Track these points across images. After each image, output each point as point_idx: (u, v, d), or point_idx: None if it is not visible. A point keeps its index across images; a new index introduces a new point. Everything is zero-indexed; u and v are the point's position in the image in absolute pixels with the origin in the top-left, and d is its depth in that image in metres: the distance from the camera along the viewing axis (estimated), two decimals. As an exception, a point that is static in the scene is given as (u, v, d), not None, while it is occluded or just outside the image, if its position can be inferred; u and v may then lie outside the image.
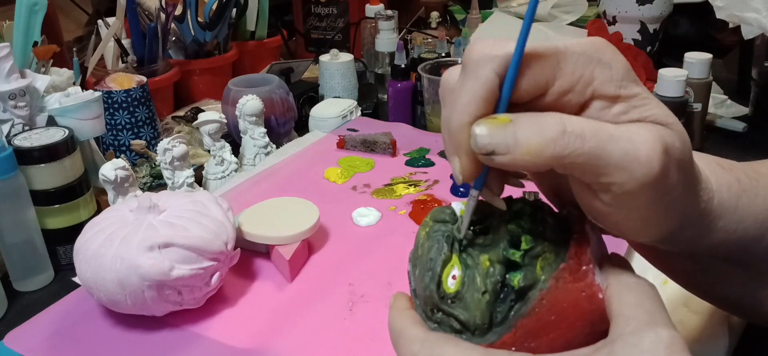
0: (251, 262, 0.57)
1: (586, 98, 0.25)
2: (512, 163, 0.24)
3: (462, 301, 0.27)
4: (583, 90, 0.25)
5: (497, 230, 0.27)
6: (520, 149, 0.23)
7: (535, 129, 0.23)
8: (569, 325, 0.26)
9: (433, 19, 1.34)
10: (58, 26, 1.00)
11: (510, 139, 0.24)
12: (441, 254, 0.28)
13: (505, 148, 0.24)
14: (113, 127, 0.80)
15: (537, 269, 0.26)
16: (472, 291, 0.26)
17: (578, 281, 0.26)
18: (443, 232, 0.28)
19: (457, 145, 0.25)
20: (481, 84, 0.25)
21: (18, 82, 0.62)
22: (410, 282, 0.30)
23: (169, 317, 0.49)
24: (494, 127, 0.24)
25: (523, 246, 0.27)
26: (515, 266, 0.26)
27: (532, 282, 0.26)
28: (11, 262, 0.57)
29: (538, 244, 0.27)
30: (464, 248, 0.28)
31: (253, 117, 0.77)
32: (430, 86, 0.87)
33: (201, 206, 0.51)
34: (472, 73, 0.25)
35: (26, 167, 0.56)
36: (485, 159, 0.24)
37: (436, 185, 0.70)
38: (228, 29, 1.08)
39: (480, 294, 0.26)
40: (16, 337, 0.48)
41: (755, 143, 0.86)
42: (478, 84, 0.25)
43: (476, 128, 0.24)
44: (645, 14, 1.04)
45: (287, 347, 0.46)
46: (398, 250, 0.58)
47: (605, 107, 0.25)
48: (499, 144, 0.24)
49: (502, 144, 0.24)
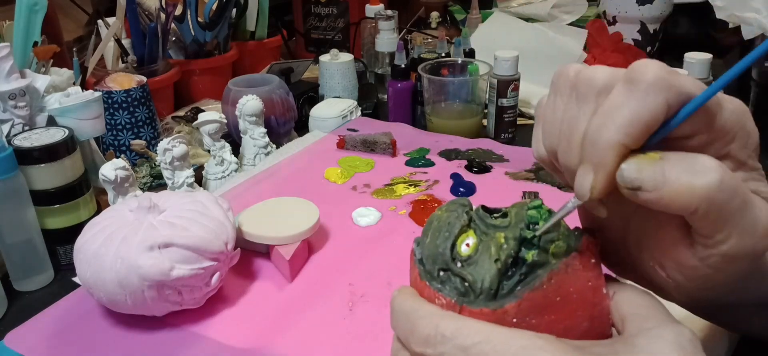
0: (251, 262, 0.57)
1: (721, 154, 0.25)
2: (657, 201, 0.23)
3: (472, 265, 0.27)
4: (723, 147, 0.25)
5: (516, 215, 0.28)
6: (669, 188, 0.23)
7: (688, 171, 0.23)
8: (571, 312, 0.26)
9: (433, 19, 1.34)
10: (58, 26, 1.00)
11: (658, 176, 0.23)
12: (459, 220, 0.28)
13: (652, 185, 0.23)
14: (113, 127, 0.80)
15: (550, 251, 0.27)
16: (484, 257, 0.27)
17: (587, 270, 0.27)
18: (464, 207, 0.29)
19: (600, 162, 0.24)
20: (649, 111, 0.23)
21: (18, 82, 0.62)
22: (414, 255, 0.30)
23: (169, 317, 0.49)
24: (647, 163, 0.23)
25: (540, 226, 0.27)
26: (529, 245, 0.27)
27: (543, 261, 0.26)
28: (11, 262, 0.57)
29: (553, 231, 0.27)
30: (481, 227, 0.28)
31: (253, 117, 0.77)
32: (430, 86, 0.87)
33: (201, 206, 0.51)
34: (642, 95, 0.23)
35: (26, 167, 0.56)
36: (627, 192, 0.24)
37: (436, 185, 0.70)
38: (228, 29, 1.08)
39: (492, 260, 0.27)
40: (16, 337, 0.48)
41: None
42: (646, 110, 0.23)
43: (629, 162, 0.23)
44: (645, 14, 1.04)
45: (287, 347, 0.46)
46: (398, 250, 0.58)
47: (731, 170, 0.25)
48: (647, 181, 0.23)
49: (650, 181, 0.23)
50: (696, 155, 0.23)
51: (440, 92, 0.88)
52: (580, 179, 0.25)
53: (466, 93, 0.86)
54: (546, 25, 1.19)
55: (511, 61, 0.84)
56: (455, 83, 0.87)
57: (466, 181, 0.71)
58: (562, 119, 0.27)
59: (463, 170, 0.74)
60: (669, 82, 0.23)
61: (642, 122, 0.23)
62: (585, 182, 0.25)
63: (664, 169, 0.23)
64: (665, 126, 0.24)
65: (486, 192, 0.68)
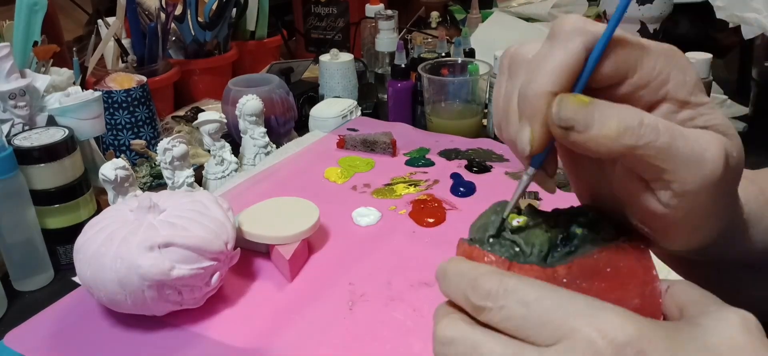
0: (251, 262, 0.57)
1: (658, 97, 0.26)
2: (586, 142, 0.24)
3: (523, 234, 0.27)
4: (658, 89, 0.26)
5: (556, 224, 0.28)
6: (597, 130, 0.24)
7: (614, 115, 0.24)
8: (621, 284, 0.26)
9: (433, 19, 1.34)
10: (58, 26, 1.00)
11: (589, 118, 0.24)
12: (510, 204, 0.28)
13: (583, 126, 0.24)
14: (113, 127, 0.80)
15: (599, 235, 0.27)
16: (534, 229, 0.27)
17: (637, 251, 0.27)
18: None
19: (533, 112, 0.25)
20: (570, 55, 0.25)
21: (18, 82, 0.62)
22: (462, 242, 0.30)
23: (169, 317, 0.49)
24: (576, 103, 0.24)
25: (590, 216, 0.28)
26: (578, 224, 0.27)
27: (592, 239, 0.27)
28: (11, 262, 0.57)
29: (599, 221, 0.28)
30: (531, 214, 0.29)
31: (253, 117, 0.77)
32: (430, 86, 0.87)
33: (201, 206, 0.51)
34: (562, 43, 0.25)
35: (26, 166, 0.56)
36: (560, 133, 0.24)
37: (436, 185, 0.70)
38: (228, 29, 1.08)
39: (543, 232, 0.27)
40: (16, 337, 0.48)
41: (755, 143, 0.86)
42: (567, 54, 0.25)
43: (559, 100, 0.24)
44: (645, 14, 1.03)
45: (287, 347, 0.46)
46: (398, 250, 0.58)
47: (674, 111, 0.26)
48: (579, 121, 0.24)
49: (582, 122, 0.24)
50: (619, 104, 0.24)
51: (440, 92, 0.88)
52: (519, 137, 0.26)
53: (466, 93, 0.86)
54: (546, 25, 1.18)
55: (511, 61, 0.83)
56: (455, 83, 0.87)
57: (466, 181, 0.71)
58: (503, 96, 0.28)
59: (463, 169, 0.74)
60: (585, 27, 0.25)
61: (565, 67, 0.25)
62: (524, 137, 0.26)
63: (594, 111, 0.24)
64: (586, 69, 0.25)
65: (486, 192, 0.68)
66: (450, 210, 0.65)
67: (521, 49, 0.28)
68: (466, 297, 0.25)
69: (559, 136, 0.25)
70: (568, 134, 0.24)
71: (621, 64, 0.25)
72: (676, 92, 0.26)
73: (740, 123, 0.89)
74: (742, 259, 0.33)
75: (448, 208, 0.65)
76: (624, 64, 0.25)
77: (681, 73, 0.26)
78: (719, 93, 0.96)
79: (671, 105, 0.26)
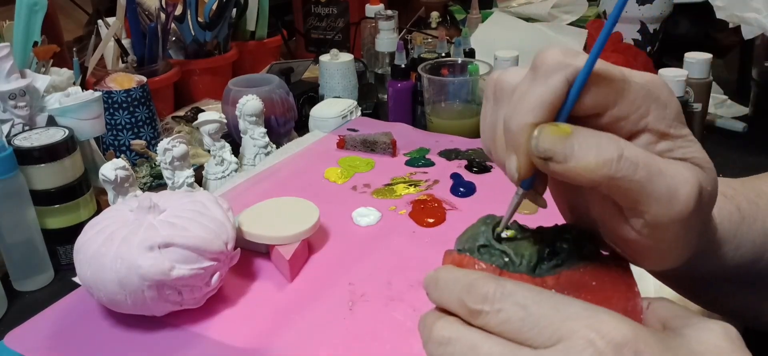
0: (251, 262, 0.57)
1: (638, 128, 0.26)
2: (565, 173, 0.25)
3: (512, 245, 0.28)
4: (638, 121, 0.26)
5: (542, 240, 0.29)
6: (576, 162, 0.24)
7: (594, 146, 0.24)
8: (606, 297, 0.27)
9: (433, 19, 1.34)
10: (58, 26, 1.00)
11: (568, 150, 0.24)
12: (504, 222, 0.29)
13: (562, 157, 0.24)
14: (113, 127, 0.80)
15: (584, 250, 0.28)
16: (523, 241, 0.28)
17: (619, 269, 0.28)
18: None
19: (516, 144, 0.26)
20: (551, 90, 0.25)
21: (18, 82, 0.62)
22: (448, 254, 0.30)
23: (169, 317, 0.49)
24: (555, 135, 0.25)
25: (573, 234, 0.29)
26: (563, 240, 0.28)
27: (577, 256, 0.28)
28: (11, 262, 0.57)
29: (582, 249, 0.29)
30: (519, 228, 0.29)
31: (253, 117, 0.77)
32: (430, 86, 0.87)
33: (201, 206, 0.51)
34: (543, 77, 0.25)
35: (26, 167, 0.56)
36: (540, 163, 0.25)
37: (436, 185, 0.70)
38: (228, 29, 1.08)
39: (531, 243, 0.28)
40: (16, 337, 0.48)
41: (755, 143, 0.86)
42: (548, 90, 0.25)
43: (538, 132, 0.25)
44: (645, 14, 1.03)
45: (287, 347, 0.46)
46: (398, 250, 0.58)
47: (653, 141, 0.26)
48: (558, 153, 0.24)
49: (561, 153, 0.24)
50: (601, 133, 0.25)
51: (440, 92, 0.88)
52: (507, 165, 0.27)
53: (466, 93, 0.86)
54: (546, 25, 1.18)
55: (511, 61, 0.84)
56: (455, 83, 0.87)
57: (466, 181, 0.71)
58: (489, 121, 0.29)
59: (463, 170, 0.74)
60: (566, 61, 0.25)
61: (546, 102, 0.25)
62: (511, 166, 0.26)
63: (573, 143, 0.24)
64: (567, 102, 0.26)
65: (486, 192, 0.68)
66: (450, 210, 0.65)
67: (505, 75, 0.29)
68: (460, 301, 0.25)
69: (539, 165, 0.25)
70: (547, 164, 0.25)
71: (601, 98, 0.26)
72: (656, 124, 0.26)
73: (740, 123, 0.89)
74: (714, 275, 0.34)
75: (448, 208, 0.65)
76: (605, 97, 0.26)
77: (661, 106, 0.26)
78: (719, 93, 0.96)
79: (650, 136, 0.26)
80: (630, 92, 0.26)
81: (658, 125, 0.26)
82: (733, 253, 0.34)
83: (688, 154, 0.27)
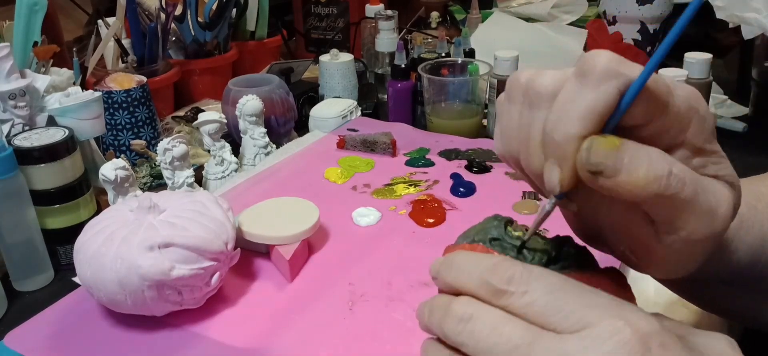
0: (251, 262, 0.57)
1: (677, 142, 0.26)
2: (613, 188, 0.24)
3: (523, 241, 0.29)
4: (678, 135, 0.26)
5: None
6: (627, 177, 0.24)
7: (645, 161, 0.24)
8: None
9: (433, 19, 1.34)
10: (58, 26, 1.00)
11: (619, 164, 0.24)
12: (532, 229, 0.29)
13: (613, 172, 0.24)
14: (113, 127, 0.80)
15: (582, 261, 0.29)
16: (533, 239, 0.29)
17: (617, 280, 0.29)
18: None
19: (563, 156, 0.25)
20: (603, 99, 0.24)
21: (18, 82, 0.62)
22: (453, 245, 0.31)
23: (169, 317, 0.49)
24: (608, 149, 0.24)
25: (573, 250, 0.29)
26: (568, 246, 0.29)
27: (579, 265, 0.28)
28: (11, 262, 0.57)
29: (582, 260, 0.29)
30: None
31: (253, 117, 0.77)
32: (430, 86, 0.87)
33: (201, 206, 0.51)
34: (595, 85, 0.24)
35: (26, 167, 0.56)
36: (588, 177, 0.24)
37: (436, 185, 0.70)
38: (228, 29, 1.08)
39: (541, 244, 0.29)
40: (16, 337, 0.48)
41: (755, 143, 0.86)
42: (600, 99, 0.24)
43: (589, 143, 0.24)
44: (645, 14, 1.04)
45: (287, 347, 0.46)
46: (398, 250, 0.58)
47: (688, 157, 0.26)
48: (609, 167, 0.24)
49: (612, 168, 0.24)
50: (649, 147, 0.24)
51: (440, 92, 0.88)
52: (548, 176, 0.26)
53: (466, 93, 0.86)
54: (546, 25, 1.18)
55: (511, 61, 0.84)
56: (455, 83, 0.87)
57: (466, 181, 0.71)
58: (519, 125, 0.28)
59: (463, 170, 0.74)
60: (618, 70, 0.24)
61: (596, 112, 0.24)
62: (553, 178, 0.25)
63: (624, 157, 0.24)
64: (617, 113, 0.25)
65: (486, 192, 0.68)
66: (450, 210, 0.65)
67: (540, 79, 0.27)
68: (483, 280, 0.25)
69: (587, 180, 0.24)
70: (596, 179, 0.24)
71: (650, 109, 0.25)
72: (694, 138, 0.26)
73: (740, 123, 0.89)
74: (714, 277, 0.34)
75: (448, 208, 0.65)
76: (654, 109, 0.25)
77: (701, 119, 0.26)
78: (719, 93, 0.96)
79: (687, 150, 0.26)
80: (674, 105, 0.25)
81: (696, 140, 0.26)
82: (730, 257, 0.34)
83: (721, 171, 0.27)
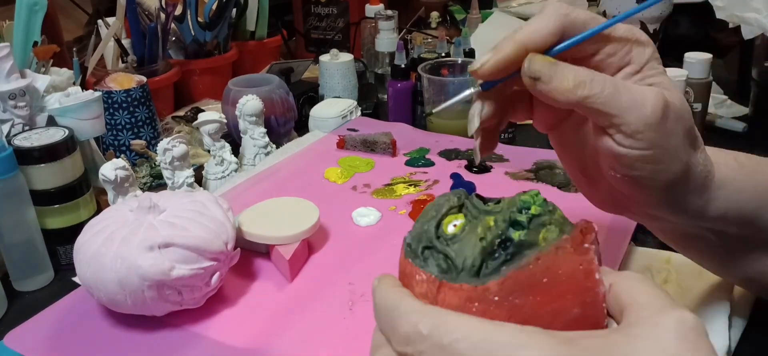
0: (251, 262, 0.57)
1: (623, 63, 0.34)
2: (549, 92, 0.32)
3: (457, 243, 0.27)
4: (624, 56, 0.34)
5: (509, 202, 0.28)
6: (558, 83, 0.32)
7: (572, 71, 0.32)
8: (559, 294, 0.25)
9: (433, 19, 1.34)
10: (58, 26, 1.00)
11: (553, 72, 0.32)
12: (448, 203, 0.29)
13: (548, 78, 0.32)
14: (113, 127, 0.80)
15: (540, 235, 0.26)
16: (470, 236, 0.27)
17: (578, 254, 0.26)
18: (457, 194, 0.30)
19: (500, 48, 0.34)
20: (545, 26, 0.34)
21: (18, 83, 0.62)
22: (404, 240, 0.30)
23: (169, 317, 0.49)
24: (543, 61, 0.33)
25: (532, 212, 0.27)
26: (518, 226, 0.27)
27: (532, 242, 0.26)
28: (11, 262, 0.57)
29: (545, 215, 0.27)
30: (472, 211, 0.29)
31: (253, 117, 0.77)
32: (430, 86, 0.87)
33: (201, 206, 0.51)
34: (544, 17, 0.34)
35: (26, 167, 0.56)
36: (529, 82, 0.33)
37: (436, 185, 0.70)
38: (228, 29, 1.08)
39: (477, 239, 0.26)
40: (16, 337, 0.48)
41: (755, 143, 0.86)
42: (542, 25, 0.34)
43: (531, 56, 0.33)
44: (645, 14, 1.03)
45: (287, 347, 0.46)
46: (398, 250, 0.58)
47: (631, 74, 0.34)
48: (545, 74, 0.32)
49: (547, 75, 0.32)
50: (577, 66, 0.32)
51: (440, 92, 0.87)
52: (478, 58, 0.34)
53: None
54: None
55: (511, 61, 0.83)
56: (455, 83, 0.87)
57: (466, 181, 0.71)
58: None
59: (463, 170, 0.74)
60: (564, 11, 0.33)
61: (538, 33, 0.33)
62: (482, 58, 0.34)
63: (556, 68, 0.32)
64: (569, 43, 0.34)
65: (486, 192, 0.68)
66: (450, 210, 0.65)
67: None
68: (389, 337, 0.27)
69: (528, 85, 0.33)
70: (535, 84, 0.33)
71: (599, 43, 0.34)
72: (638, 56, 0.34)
73: (740, 123, 0.89)
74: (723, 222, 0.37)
75: (448, 208, 0.65)
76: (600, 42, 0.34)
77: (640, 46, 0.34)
78: (719, 93, 0.96)
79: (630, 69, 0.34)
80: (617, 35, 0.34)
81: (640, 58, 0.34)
82: (737, 195, 0.37)
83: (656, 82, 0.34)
